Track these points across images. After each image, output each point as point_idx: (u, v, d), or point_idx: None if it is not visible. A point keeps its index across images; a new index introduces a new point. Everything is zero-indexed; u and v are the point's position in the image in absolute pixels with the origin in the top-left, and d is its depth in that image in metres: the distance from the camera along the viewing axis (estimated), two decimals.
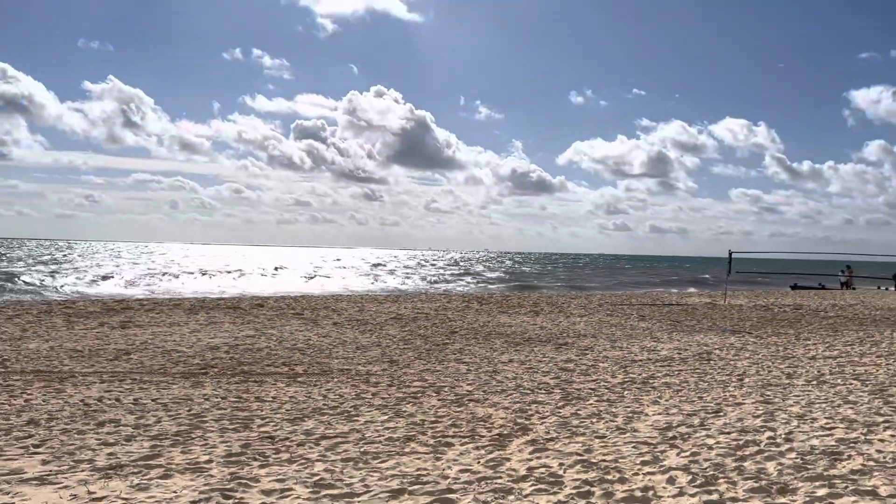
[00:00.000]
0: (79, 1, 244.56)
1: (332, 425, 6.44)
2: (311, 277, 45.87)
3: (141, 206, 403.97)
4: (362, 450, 5.64)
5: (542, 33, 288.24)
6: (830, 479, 4.79)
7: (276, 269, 57.98)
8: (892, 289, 36.30)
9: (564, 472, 5.03)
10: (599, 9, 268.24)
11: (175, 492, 4.57)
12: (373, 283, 42.08)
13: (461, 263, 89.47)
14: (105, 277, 37.94)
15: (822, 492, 4.53)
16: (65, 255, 76.80)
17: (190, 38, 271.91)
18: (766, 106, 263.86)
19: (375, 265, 73.63)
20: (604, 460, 5.32)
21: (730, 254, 25.61)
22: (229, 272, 48.59)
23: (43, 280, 35.21)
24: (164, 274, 42.37)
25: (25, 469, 5.00)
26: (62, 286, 32.32)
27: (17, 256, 70.65)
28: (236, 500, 4.45)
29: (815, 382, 8.66)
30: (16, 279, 34.71)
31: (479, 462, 5.32)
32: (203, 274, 45.03)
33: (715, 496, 4.50)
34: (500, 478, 4.92)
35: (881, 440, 5.77)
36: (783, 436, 5.98)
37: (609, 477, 4.91)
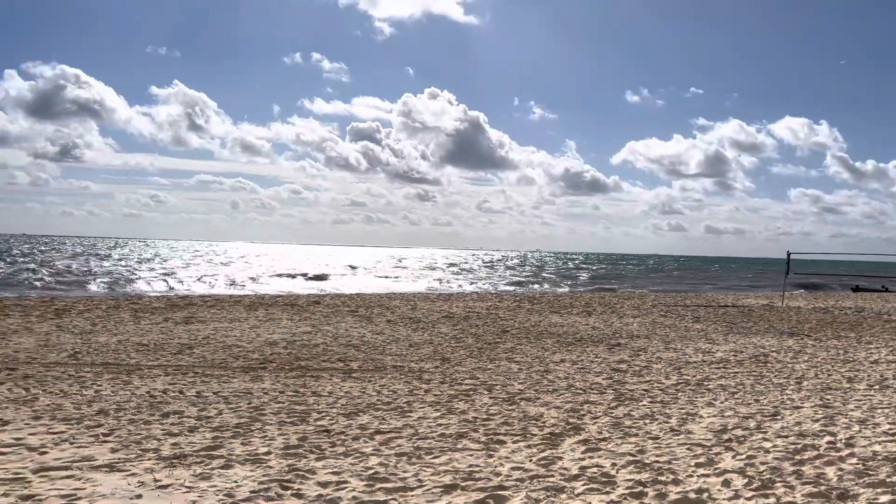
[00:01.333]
0: (147, 9, 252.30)
1: (386, 420, 6.56)
2: (435, 281, 45.71)
3: (203, 206, 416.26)
4: (416, 445, 5.73)
5: (598, 33, 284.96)
6: (893, 485, 4.68)
7: (351, 267, 58.96)
8: None
9: (617, 473, 5.03)
10: (656, 7, 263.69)
11: (236, 481, 4.73)
12: (476, 286, 41.84)
13: (530, 265, 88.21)
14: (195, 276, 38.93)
15: (884, 498, 4.44)
16: (169, 256, 78.12)
17: (252, 43, 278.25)
18: (827, 104, 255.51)
19: (451, 265, 73.52)
20: (657, 461, 5.29)
21: (788, 255, 25.02)
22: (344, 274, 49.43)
23: (167, 280, 36.11)
24: (304, 276, 43.19)
25: (96, 456, 5.24)
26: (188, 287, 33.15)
27: (82, 253, 72.97)
28: (294, 491, 4.59)
29: (877, 387, 8.42)
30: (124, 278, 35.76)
31: (531, 460, 5.35)
32: (346, 276, 45.64)
33: (772, 500, 4.45)
34: (552, 476, 4.95)
35: None
36: (844, 440, 5.85)
37: (662, 478, 4.89)
